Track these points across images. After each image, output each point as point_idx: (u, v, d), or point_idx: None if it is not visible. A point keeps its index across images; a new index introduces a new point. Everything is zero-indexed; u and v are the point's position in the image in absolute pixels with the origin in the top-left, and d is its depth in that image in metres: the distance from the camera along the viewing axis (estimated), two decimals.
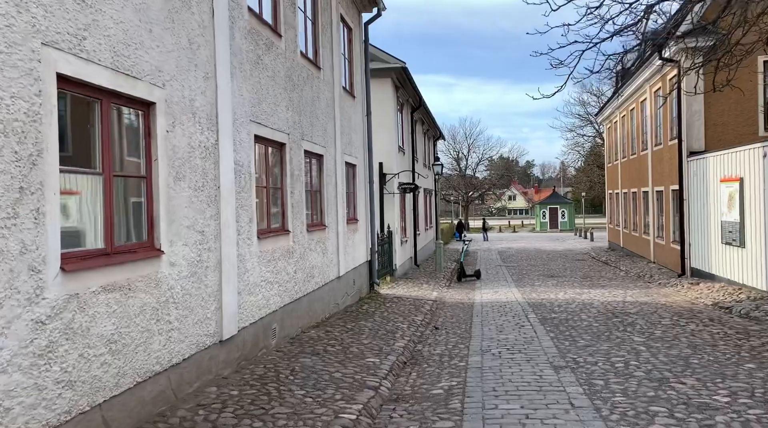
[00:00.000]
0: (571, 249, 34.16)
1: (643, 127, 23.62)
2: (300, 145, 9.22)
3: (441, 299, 14.96)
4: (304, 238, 9.27)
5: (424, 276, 19.74)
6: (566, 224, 60.93)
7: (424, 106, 23.91)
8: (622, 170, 28.36)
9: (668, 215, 19.77)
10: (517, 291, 16.24)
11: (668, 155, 19.49)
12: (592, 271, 21.98)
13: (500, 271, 22.51)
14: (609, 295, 14.87)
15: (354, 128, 13.33)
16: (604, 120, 32.94)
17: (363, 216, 14.14)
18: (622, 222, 28.70)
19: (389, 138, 18.66)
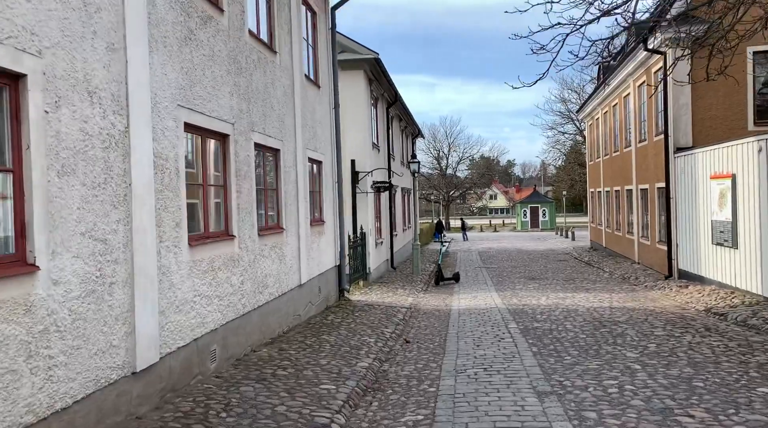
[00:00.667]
0: (553, 249, 33.41)
1: (627, 123, 22.85)
2: (249, 137, 8.08)
3: (416, 306, 13.91)
4: (255, 243, 8.13)
5: (400, 280, 18.69)
6: (547, 223, 60.43)
7: (400, 101, 22.86)
8: (605, 168, 27.61)
9: (654, 214, 18.96)
10: (497, 296, 15.25)
11: (653, 151, 18.68)
12: (575, 273, 21.12)
13: (480, 273, 21.55)
14: (594, 300, 13.95)
15: (319, 121, 12.21)
16: (586, 117, 32.22)
17: (331, 217, 13.03)
18: (605, 221, 27.96)
19: (362, 134, 17.56)
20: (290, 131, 10.06)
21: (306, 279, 10.67)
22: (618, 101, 24.12)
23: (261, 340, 8.37)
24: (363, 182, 17.46)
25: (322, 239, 12.15)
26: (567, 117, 40.12)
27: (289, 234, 9.85)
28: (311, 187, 11.81)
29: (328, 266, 12.58)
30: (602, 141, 28.03)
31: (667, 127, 16.56)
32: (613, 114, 25.32)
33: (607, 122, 26.92)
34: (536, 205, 61.67)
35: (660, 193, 18.23)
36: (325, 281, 12.27)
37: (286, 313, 9.56)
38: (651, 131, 18.94)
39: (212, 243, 6.82)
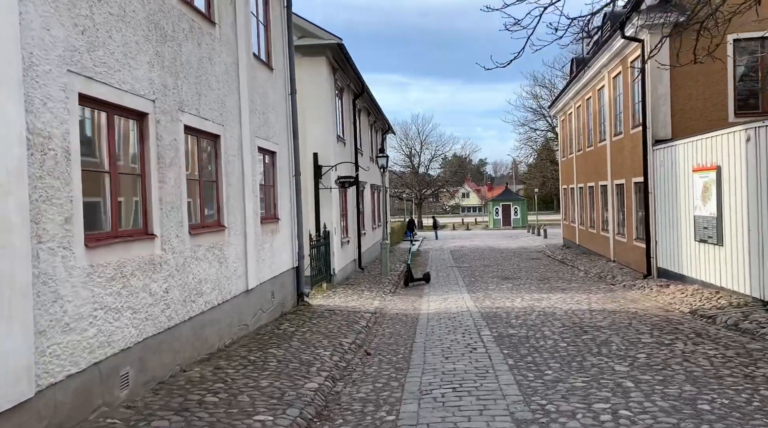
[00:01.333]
0: (525, 247, 32.71)
1: (601, 116, 22.13)
2: (177, 117, 6.85)
3: (382, 310, 12.81)
4: (184, 244, 6.92)
5: (367, 281, 17.57)
6: (519, 221, 60.01)
7: (367, 92, 21.73)
8: (578, 164, 26.94)
9: (630, 211, 18.22)
10: (469, 298, 14.25)
11: (630, 144, 17.93)
12: (549, 271, 20.29)
13: (451, 273, 20.57)
14: (571, 301, 13.04)
15: (272, 107, 11.00)
16: (558, 112, 31.57)
17: (287, 214, 11.84)
18: (578, 219, 27.29)
19: (325, 126, 16.38)
20: (234, 115, 8.84)
21: (255, 284, 9.46)
22: (592, 95, 23.41)
23: (194, 357, 7.16)
24: (326, 177, 16.28)
25: (276, 238, 10.95)
26: (539, 113, 39.57)
27: (233, 233, 8.63)
28: (263, 180, 10.61)
29: (283, 269, 11.39)
30: (575, 136, 27.35)
31: (646, 118, 15.78)
32: (587, 108, 24.62)
33: (580, 116, 26.23)
34: (508, 203, 61.18)
35: (637, 188, 17.49)
36: (280, 285, 11.07)
37: (229, 323, 8.35)
38: (627, 124, 18.19)
39: (122, 244, 5.59)
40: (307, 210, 16.08)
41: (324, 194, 16.22)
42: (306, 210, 16.01)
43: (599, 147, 22.36)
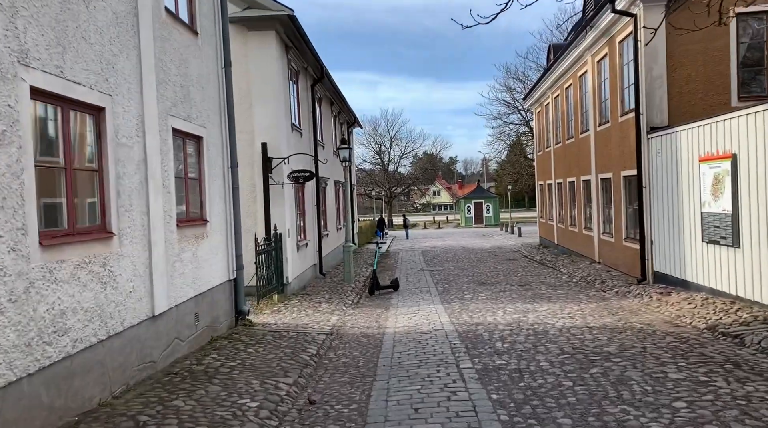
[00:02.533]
0: (500, 247, 30.97)
1: (583, 105, 20.40)
2: (15, 73, 4.61)
3: (340, 329, 10.69)
4: (27, 262, 4.68)
5: (327, 290, 15.41)
6: (491, 219, 58.55)
7: (328, 78, 19.55)
8: (556, 158, 25.23)
9: (619, 207, 16.47)
10: (443, 310, 12.23)
11: (618, 134, 16.17)
12: (530, 275, 18.45)
13: (423, 278, 18.55)
14: (562, 314, 11.14)
15: (197, 82, 8.77)
16: (534, 104, 29.88)
17: (221, 215, 9.62)
18: (557, 216, 25.60)
19: (276, 112, 14.15)
20: (131, 84, 6.60)
21: (166, 306, 7.24)
22: (572, 82, 21.68)
23: (51, 424, 4.93)
24: (278, 171, 14.06)
25: (203, 245, 8.73)
26: (512, 107, 37.91)
27: (128, 241, 6.40)
28: (183, 172, 8.38)
29: (215, 282, 9.17)
30: (553, 128, 25.65)
31: (639, 103, 13.99)
32: (566, 97, 22.90)
33: (558, 106, 24.52)
34: (480, 200, 59.66)
35: (628, 182, 15.74)
36: (209, 304, 8.86)
37: (121, 365, 6.13)
38: (615, 112, 16.43)
39: None
40: (255, 210, 13.86)
41: (275, 190, 14.00)
42: (254, 210, 13.78)
43: (581, 139, 20.62)
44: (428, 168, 70.21)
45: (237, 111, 13.95)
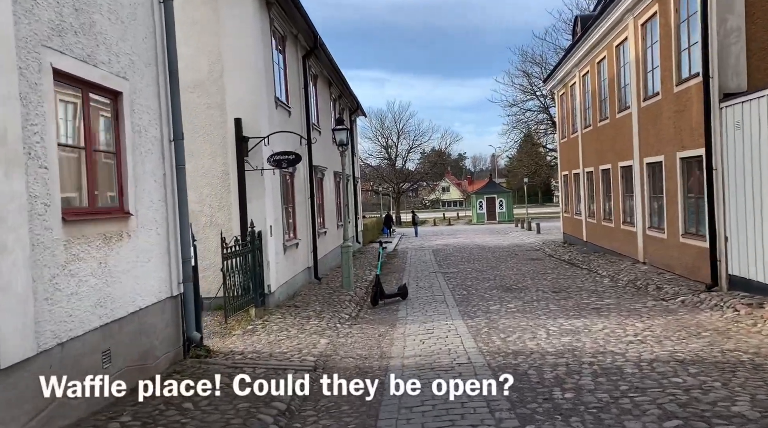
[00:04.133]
0: (519, 244, 28.11)
1: (621, 79, 17.51)
2: None
3: (329, 359, 7.93)
4: None
5: (320, 300, 12.66)
6: (504, 215, 55.57)
7: (324, 51, 16.78)
8: (585, 144, 22.32)
9: (674, 197, 13.60)
10: (466, 330, 9.44)
11: (673, 107, 13.30)
12: (562, 278, 15.61)
13: (436, 282, 15.75)
14: (627, 335, 8.33)
15: (109, 9, 6.00)
16: (557, 86, 26.95)
17: (157, 206, 6.88)
18: (586, 210, 22.71)
19: (253, 80, 11.38)
20: None
21: (34, 350, 4.50)
22: (606, 54, 18.77)
23: None
24: (256, 155, 11.31)
25: (120, 249, 5.98)
26: (529, 92, 34.96)
27: None
28: (82, 141, 5.63)
29: (144, 302, 6.43)
30: (581, 111, 22.73)
31: (708, 65, 11.11)
32: (598, 73, 19.99)
33: (587, 85, 21.61)
34: (492, 196, 56.63)
35: (687, 165, 12.87)
36: (132, 334, 6.12)
37: None
38: (668, 80, 13.54)
39: None
40: (228, 201, 11.15)
41: (253, 178, 11.25)
42: (227, 201, 11.07)
43: (619, 119, 17.73)
44: (437, 162, 67.19)
45: (205, 81, 11.22)
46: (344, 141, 14.12)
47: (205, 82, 11.21)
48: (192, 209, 11.26)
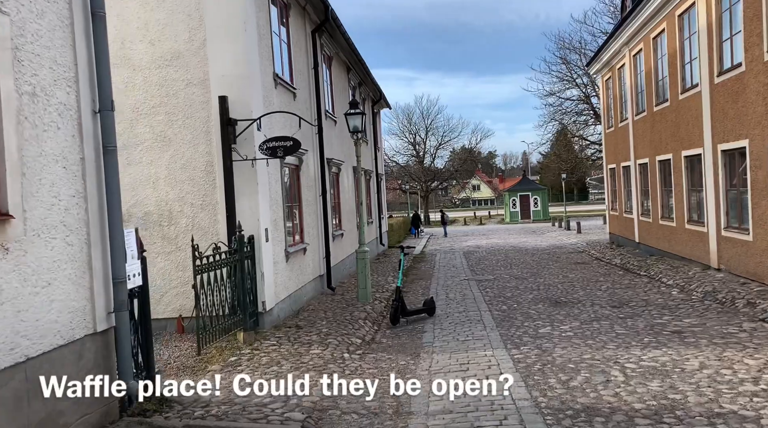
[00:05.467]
0: (559, 246, 25.53)
1: (686, 54, 14.90)
2: None
3: (323, 417, 5.75)
4: None
5: (330, 317, 10.48)
6: (540, 214, 52.68)
7: (337, 26, 14.61)
8: (637, 132, 19.67)
9: (763, 189, 11.02)
10: (511, 366, 7.16)
11: (764, 78, 10.73)
12: (620, 287, 13.14)
13: (469, 293, 13.43)
14: (743, 380, 5.94)
15: None
16: (601, 69, 24.26)
17: (64, 206, 4.77)
18: (637, 207, 20.05)
19: (244, 50, 9.22)
20: None
21: None
22: (665, 27, 16.15)
23: None
24: (246, 141, 9.16)
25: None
26: (568, 80, 32.16)
27: None
28: None
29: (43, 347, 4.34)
30: (632, 95, 20.07)
31: None
32: (654, 50, 17.36)
33: (640, 65, 18.97)
34: (527, 193, 53.75)
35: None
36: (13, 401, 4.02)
37: None
38: (757, 46, 10.97)
39: None
40: (214, 199, 9.08)
41: (242, 170, 9.11)
42: (212, 199, 9.01)
43: (682, 101, 15.12)
44: (468, 158, 64.42)
45: (184, 51, 9.12)
46: (359, 127, 11.92)
47: (183, 53, 9.14)
48: (170, 209, 9.22)
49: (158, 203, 9.27)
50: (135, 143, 9.26)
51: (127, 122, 9.23)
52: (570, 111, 33.11)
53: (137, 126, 9.24)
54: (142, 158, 9.27)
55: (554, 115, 33.73)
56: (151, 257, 9.16)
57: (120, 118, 9.27)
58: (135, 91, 9.21)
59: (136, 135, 9.25)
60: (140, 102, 9.22)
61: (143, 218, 9.31)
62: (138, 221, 9.31)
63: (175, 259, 9.34)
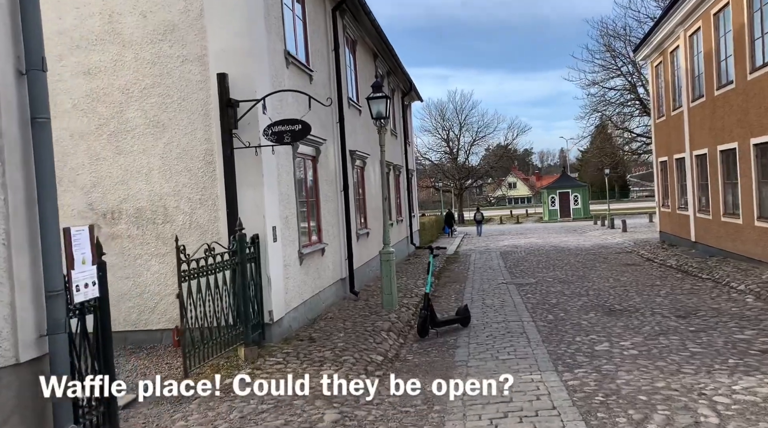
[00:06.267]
0: (604, 245, 23.73)
1: (756, 28, 13.09)
2: None
3: None
4: None
5: (349, 327, 9.19)
6: (580, 212, 50.42)
7: (365, 10, 13.32)
8: (694, 120, 17.79)
9: None
10: (566, 397, 5.74)
11: None
12: (681, 292, 11.52)
13: (508, 298, 11.97)
14: None
15: None
16: (651, 54, 22.34)
17: None
18: (694, 203, 18.18)
19: (245, 20, 7.98)
20: None
21: None
22: (729, 0, 14.33)
23: None
24: (248, 126, 7.91)
25: None
26: (613, 69, 30.06)
27: None
28: None
29: None
30: (688, 80, 18.19)
31: None
32: (716, 27, 15.52)
33: (697, 46, 17.11)
34: (566, 190, 51.49)
35: None
36: None
37: None
38: None
39: None
40: (214, 192, 7.90)
41: (245, 159, 7.88)
42: (212, 192, 7.83)
43: (752, 81, 13.31)
44: (504, 154, 62.28)
45: (179, 23, 7.96)
46: (382, 113, 10.59)
47: (179, 25, 7.98)
48: (165, 205, 8.07)
49: (152, 197, 8.14)
50: (125, 130, 8.15)
51: (117, 106, 8.13)
52: (614, 102, 31.00)
53: (127, 110, 8.13)
54: (133, 147, 8.15)
55: (597, 106, 31.64)
56: (144, 260, 8.05)
57: (108, 101, 8.19)
58: (125, 71, 8.10)
59: (126, 121, 8.13)
60: (131, 83, 8.10)
61: (135, 215, 8.19)
62: (130, 218, 8.20)
63: (171, 261, 8.14)
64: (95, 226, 4.79)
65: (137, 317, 8.19)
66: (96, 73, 8.14)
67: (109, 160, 8.17)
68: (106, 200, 8.22)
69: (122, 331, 8.12)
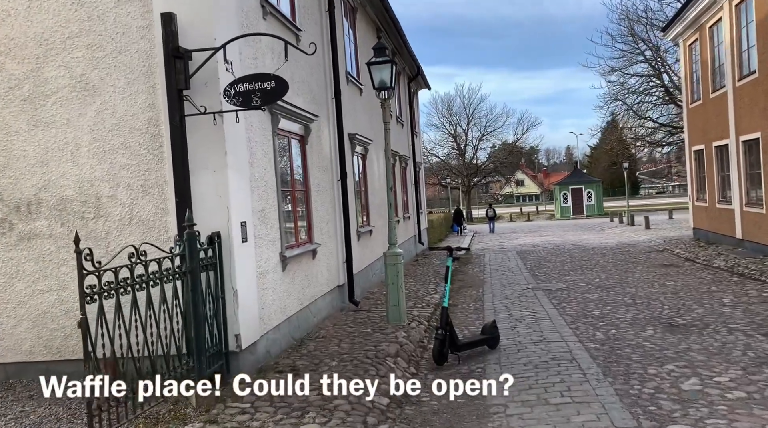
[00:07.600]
0: (630, 243, 21.63)
1: None
2: None
3: None
4: None
5: (345, 350, 7.13)
6: (594, 209, 48.21)
7: None
8: (741, 102, 15.64)
9: None
10: None
11: None
12: (748, 300, 9.46)
13: (539, 310, 9.85)
14: None
15: None
16: (683, 32, 20.16)
17: None
18: (740, 196, 16.03)
19: None
20: None
21: None
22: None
23: None
24: (206, 85, 5.85)
25: None
26: (636, 53, 27.76)
27: None
28: None
29: None
30: (729, 58, 16.04)
31: None
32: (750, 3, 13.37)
33: (747, 16, 14.95)
34: (579, 186, 49.20)
35: None
36: None
37: None
38: None
39: None
40: (161, 177, 5.85)
41: (201, 129, 5.81)
42: (158, 176, 5.77)
43: None
44: (513, 150, 59.96)
45: None
46: (386, 83, 8.53)
47: None
48: (98, 194, 6.00)
49: (80, 184, 6.10)
50: (44, 94, 6.11)
51: (32, 62, 6.09)
52: (636, 90, 28.75)
53: (46, 68, 6.09)
54: (55, 117, 6.11)
55: (617, 94, 29.40)
56: (70, 267, 6.05)
57: (21, 55, 6.15)
58: (41, 15, 6.06)
59: (44, 81, 6.10)
60: (50, 31, 6.06)
61: (59, 208, 6.15)
62: (51, 211, 6.16)
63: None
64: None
65: (62, 342, 6.16)
66: (4, 17, 6.11)
67: (23, 134, 6.15)
68: (20, 187, 6.19)
69: (42, 362, 6.10)
